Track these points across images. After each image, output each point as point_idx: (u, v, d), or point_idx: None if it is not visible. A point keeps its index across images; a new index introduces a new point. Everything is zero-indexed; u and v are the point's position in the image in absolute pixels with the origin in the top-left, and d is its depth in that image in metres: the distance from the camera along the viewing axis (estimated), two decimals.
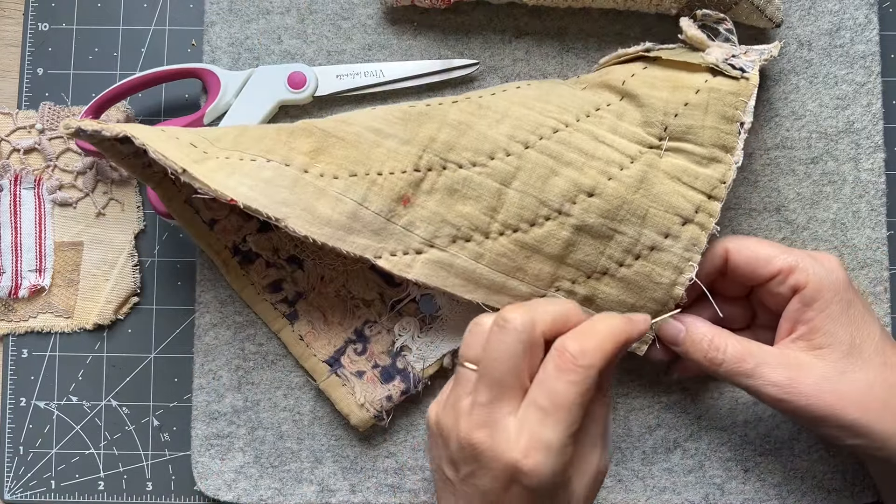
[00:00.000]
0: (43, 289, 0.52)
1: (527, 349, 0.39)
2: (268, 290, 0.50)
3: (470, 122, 0.45)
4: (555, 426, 0.37)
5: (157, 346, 0.52)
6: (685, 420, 0.50)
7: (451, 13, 0.52)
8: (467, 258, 0.44)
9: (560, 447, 0.37)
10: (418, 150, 0.44)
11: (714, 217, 0.43)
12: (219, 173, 0.42)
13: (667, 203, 0.43)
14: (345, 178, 0.44)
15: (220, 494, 0.50)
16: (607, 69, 0.48)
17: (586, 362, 0.38)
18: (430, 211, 0.44)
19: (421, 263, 0.44)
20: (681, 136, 0.44)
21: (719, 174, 0.44)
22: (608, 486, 0.50)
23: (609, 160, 0.44)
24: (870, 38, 0.51)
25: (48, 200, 0.53)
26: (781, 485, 0.50)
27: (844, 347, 0.42)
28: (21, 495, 0.51)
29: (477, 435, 0.38)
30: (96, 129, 0.41)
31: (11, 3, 0.55)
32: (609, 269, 0.44)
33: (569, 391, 0.37)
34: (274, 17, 0.52)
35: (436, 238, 0.44)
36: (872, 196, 0.51)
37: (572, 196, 0.44)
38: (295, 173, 0.43)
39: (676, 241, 0.44)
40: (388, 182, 0.44)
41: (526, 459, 0.37)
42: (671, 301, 0.44)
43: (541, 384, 0.38)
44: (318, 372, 0.49)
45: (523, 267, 0.44)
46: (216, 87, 0.50)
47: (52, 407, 0.52)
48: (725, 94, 0.44)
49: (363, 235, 0.44)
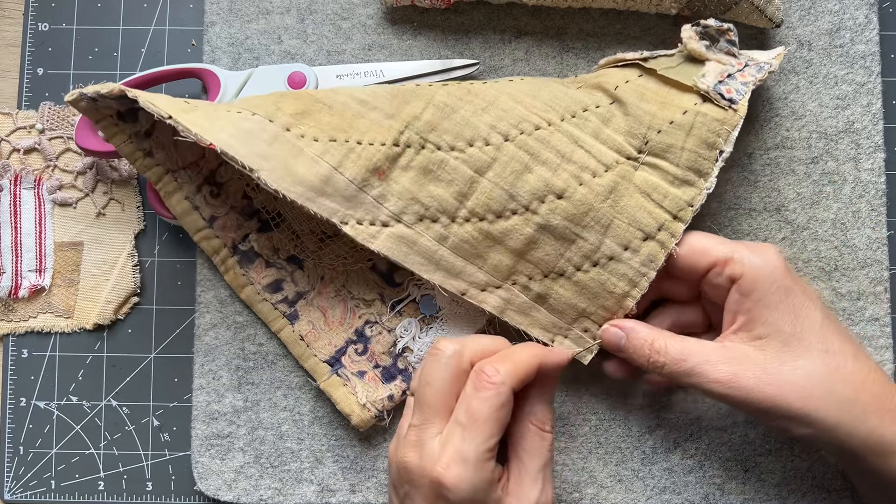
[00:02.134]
0: (43, 289, 0.52)
1: (454, 375, 0.41)
2: (268, 290, 0.50)
3: (455, 106, 0.45)
4: (472, 439, 0.39)
5: (157, 346, 0.52)
6: (685, 420, 0.50)
7: (451, 13, 0.52)
8: (431, 238, 0.45)
9: (476, 459, 0.39)
10: (400, 126, 0.45)
11: (676, 237, 0.45)
12: (203, 119, 0.43)
13: (632, 217, 0.45)
14: (324, 141, 0.44)
15: (220, 494, 0.50)
16: (604, 71, 0.48)
17: (499, 380, 0.40)
18: (402, 187, 0.45)
19: (385, 236, 0.45)
20: (660, 153, 0.45)
21: (688, 197, 0.45)
22: (608, 487, 0.50)
23: (583, 165, 0.45)
24: (870, 38, 0.51)
25: (48, 200, 0.53)
26: (781, 485, 0.50)
27: (784, 336, 0.42)
28: (21, 495, 0.51)
29: (409, 456, 0.41)
30: (96, 90, 0.42)
31: (11, 3, 0.55)
32: (566, 271, 0.45)
33: (482, 406, 0.40)
34: (274, 17, 0.52)
35: (403, 214, 0.45)
36: (872, 196, 0.51)
37: (542, 195, 0.44)
38: (276, 129, 0.44)
39: (635, 255, 0.45)
40: (366, 152, 0.44)
41: (447, 472, 0.39)
42: (620, 311, 0.46)
43: (461, 403, 0.41)
44: (319, 372, 0.49)
45: (483, 255, 0.45)
46: (216, 87, 0.50)
47: (52, 407, 0.52)
48: (711, 120, 0.44)
49: (333, 200, 0.44)
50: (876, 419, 0.41)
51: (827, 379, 0.41)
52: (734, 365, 0.42)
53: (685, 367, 0.42)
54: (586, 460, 0.50)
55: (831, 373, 0.41)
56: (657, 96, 0.45)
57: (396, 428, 0.45)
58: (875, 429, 0.41)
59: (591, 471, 0.50)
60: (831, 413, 0.41)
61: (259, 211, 0.50)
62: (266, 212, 0.49)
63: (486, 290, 0.46)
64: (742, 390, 0.41)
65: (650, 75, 0.46)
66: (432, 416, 0.41)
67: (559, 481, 0.50)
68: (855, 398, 0.41)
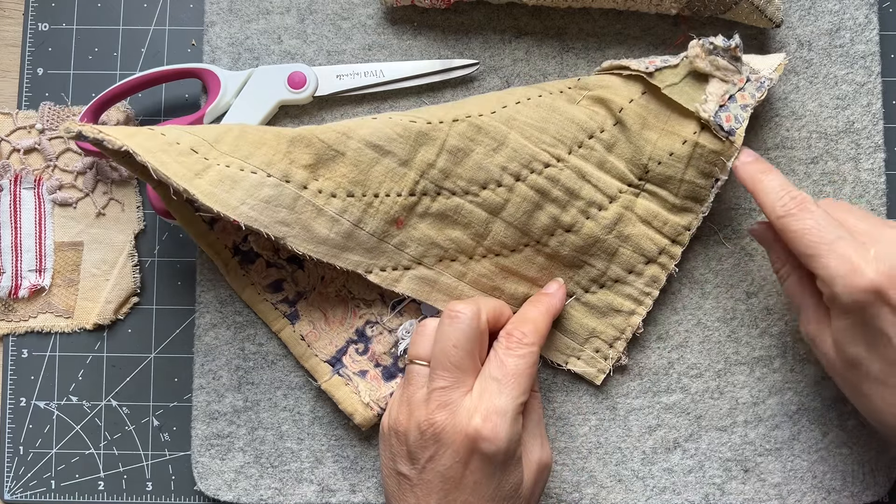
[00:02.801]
0: (43, 289, 0.52)
1: (477, 335, 0.43)
2: (268, 290, 0.50)
3: (468, 149, 0.46)
4: (508, 393, 0.41)
5: (157, 346, 0.52)
6: (685, 420, 0.50)
7: (451, 13, 0.52)
8: (451, 276, 0.48)
9: (513, 414, 0.41)
10: (415, 175, 0.46)
11: (675, 259, 0.49)
12: (219, 188, 0.43)
13: (636, 245, 0.48)
14: (342, 197, 0.45)
15: (220, 494, 0.50)
16: (608, 79, 0.48)
17: (529, 341, 0.43)
18: (421, 233, 0.47)
19: (408, 279, 0.47)
20: (660, 183, 0.48)
21: (686, 222, 0.48)
22: (608, 487, 0.50)
23: (590, 201, 0.47)
24: (870, 38, 0.51)
25: (48, 200, 0.53)
26: (781, 485, 0.50)
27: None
28: (21, 495, 0.51)
29: (438, 416, 0.41)
30: (98, 139, 0.41)
31: (11, 3, 0.55)
32: (574, 293, 0.49)
33: (518, 364, 0.42)
34: (274, 17, 0.52)
35: (424, 257, 0.47)
36: (872, 196, 0.51)
37: (552, 230, 0.47)
38: (294, 191, 0.44)
39: (639, 278, 0.49)
40: (384, 205, 0.46)
41: (485, 423, 0.40)
42: (629, 329, 0.49)
43: (492, 362, 0.43)
44: (320, 372, 0.49)
45: (500, 286, 0.49)
46: (216, 87, 0.50)
47: (52, 407, 0.52)
48: (708, 152, 0.46)
49: (356, 253, 0.46)
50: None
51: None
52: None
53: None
54: (586, 460, 0.50)
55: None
56: (658, 121, 0.47)
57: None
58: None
59: (591, 471, 0.50)
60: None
61: None
62: None
63: None
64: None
65: (653, 93, 0.47)
66: (461, 376, 0.42)
67: (559, 481, 0.50)
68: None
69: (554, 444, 0.50)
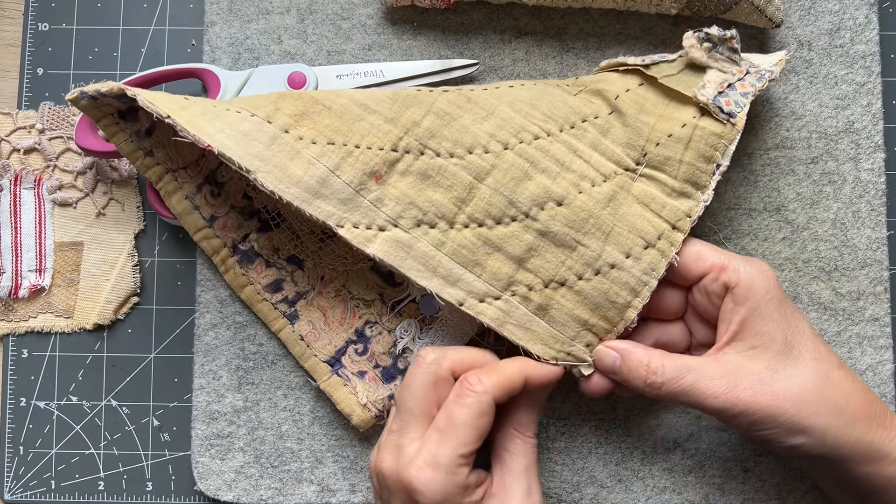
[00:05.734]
0: (43, 289, 0.53)
1: (433, 382, 0.42)
2: (268, 290, 0.50)
3: (455, 114, 0.45)
4: (446, 444, 0.40)
5: (157, 346, 0.52)
6: (685, 420, 0.50)
7: (451, 13, 0.52)
8: (428, 244, 0.44)
9: (449, 464, 0.39)
10: (400, 132, 0.45)
11: (675, 247, 0.45)
12: (201, 118, 0.43)
13: (632, 224, 0.45)
14: (322, 143, 0.44)
15: (220, 494, 0.50)
16: (605, 75, 0.48)
17: (480, 389, 0.41)
18: (400, 191, 0.44)
19: (381, 240, 0.44)
20: (658, 165, 0.45)
21: (686, 208, 0.45)
22: (608, 487, 0.50)
23: (582, 175, 0.45)
24: (870, 38, 0.51)
25: (48, 200, 0.53)
26: (781, 485, 0.50)
27: (778, 346, 0.42)
28: (21, 495, 0.52)
29: (385, 460, 0.41)
30: (96, 88, 0.43)
31: (11, 3, 0.55)
32: (567, 280, 0.45)
33: (461, 412, 0.40)
34: (274, 17, 0.52)
35: (401, 218, 0.44)
36: (872, 196, 0.51)
37: (541, 202, 0.44)
38: (274, 131, 0.44)
39: (637, 263, 0.45)
40: (364, 156, 0.44)
41: (419, 474, 0.39)
42: (622, 323, 0.45)
43: (442, 410, 0.41)
44: (319, 372, 0.49)
45: (482, 263, 0.44)
46: (216, 87, 0.50)
47: (52, 407, 0.52)
48: (709, 134, 0.45)
49: (330, 202, 0.44)
50: (864, 426, 0.41)
51: (818, 386, 0.41)
52: (730, 377, 0.41)
53: (683, 385, 0.42)
54: (586, 460, 0.50)
55: (822, 380, 0.42)
56: (656, 108, 0.45)
57: None
58: (864, 435, 0.41)
59: (591, 471, 0.50)
60: (822, 420, 0.41)
61: (259, 211, 0.50)
62: (266, 212, 0.49)
63: (485, 301, 0.44)
64: (739, 402, 0.41)
65: (650, 84, 0.46)
66: (411, 422, 0.41)
67: (559, 481, 0.50)
68: (844, 405, 0.41)
69: (554, 444, 0.50)
